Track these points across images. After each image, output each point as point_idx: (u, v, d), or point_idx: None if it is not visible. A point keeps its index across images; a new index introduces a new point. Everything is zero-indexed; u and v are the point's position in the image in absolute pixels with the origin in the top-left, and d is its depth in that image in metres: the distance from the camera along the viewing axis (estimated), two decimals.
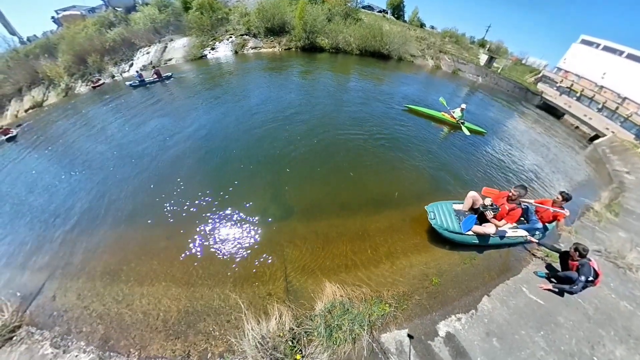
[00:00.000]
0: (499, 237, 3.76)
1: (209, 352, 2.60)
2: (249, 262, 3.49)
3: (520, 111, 14.19)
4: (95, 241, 4.11)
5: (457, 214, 3.95)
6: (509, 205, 3.44)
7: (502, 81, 18.78)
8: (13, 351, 2.73)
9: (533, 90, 18.25)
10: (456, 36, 24.45)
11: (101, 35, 15.41)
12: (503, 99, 15.51)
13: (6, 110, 12.83)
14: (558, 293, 3.23)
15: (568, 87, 18.82)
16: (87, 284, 3.46)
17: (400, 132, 7.30)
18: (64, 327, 2.96)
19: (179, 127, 7.40)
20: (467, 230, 3.62)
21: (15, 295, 3.36)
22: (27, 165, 7.44)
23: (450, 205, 4.13)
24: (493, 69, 20.70)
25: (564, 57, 24.06)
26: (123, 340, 2.77)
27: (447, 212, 3.96)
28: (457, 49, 22.25)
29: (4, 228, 4.97)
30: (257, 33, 16.81)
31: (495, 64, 21.61)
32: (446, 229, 3.70)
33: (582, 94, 17.66)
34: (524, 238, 3.85)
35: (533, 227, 3.92)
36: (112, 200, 4.95)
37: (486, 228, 3.56)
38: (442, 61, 19.84)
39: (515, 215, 3.45)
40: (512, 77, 19.62)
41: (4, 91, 13.19)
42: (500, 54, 24.73)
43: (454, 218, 3.87)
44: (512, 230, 3.93)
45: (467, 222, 3.63)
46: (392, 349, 2.56)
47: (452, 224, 3.77)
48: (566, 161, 8.66)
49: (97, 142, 7.65)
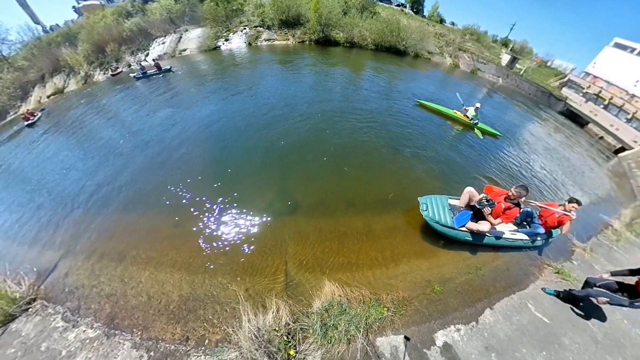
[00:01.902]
0: (495, 237, 3.63)
1: (206, 339, 2.68)
2: (251, 254, 3.54)
3: (540, 116, 13.49)
4: (107, 224, 4.28)
5: (452, 209, 3.85)
6: (505, 204, 3.30)
7: (524, 84, 17.87)
8: (28, 322, 2.92)
9: (557, 95, 17.28)
10: (477, 34, 23.33)
11: (119, 24, 15.79)
12: (523, 103, 14.79)
13: (30, 96, 13.45)
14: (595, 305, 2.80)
15: (595, 93, 17.67)
16: (97, 264, 3.62)
17: (414, 131, 7.11)
18: (74, 303, 3.13)
19: (190, 117, 7.51)
20: (461, 225, 3.52)
21: (32, 271, 3.57)
22: (46, 148, 7.81)
23: (446, 199, 4.02)
24: (515, 70, 19.69)
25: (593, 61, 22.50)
26: (127, 320, 2.90)
27: (441, 206, 3.87)
28: (478, 48, 21.27)
29: (24, 207, 5.27)
30: (271, 25, 16.64)
31: (518, 65, 20.55)
32: (437, 222, 3.61)
33: (610, 102, 16.56)
34: (524, 242, 3.70)
35: (535, 232, 3.77)
36: (123, 185, 5.12)
37: (480, 226, 3.44)
38: (460, 60, 19.05)
39: (511, 215, 3.29)
40: (535, 80, 18.61)
41: (28, 78, 13.84)
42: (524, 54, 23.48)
43: (448, 212, 3.77)
44: (511, 233, 3.78)
45: (461, 218, 3.53)
46: (386, 353, 2.55)
47: (444, 217, 3.68)
48: (585, 173, 8.19)
49: (111, 128, 7.90)
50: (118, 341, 2.69)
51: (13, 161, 7.69)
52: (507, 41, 26.89)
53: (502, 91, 16.15)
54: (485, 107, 9.14)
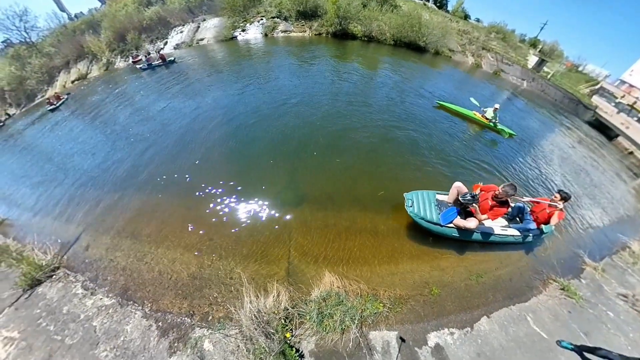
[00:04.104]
0: (485, 233, 3.59)
1: (210, 315, 2.86)
2: (257, 240, 3.69)
3: (565, 125, 12.76)
4: (124, 203, 4.57)
5: (440, 204, 3.82)
6: (492, 202, 3.24)
7: (551, 89, 16.84)
8: (52, 287, 3.22)
9: (586, 104, 16.19)
10: (504, 32, 21.99)
11: (139, 13, 16.06)
12: (547, 109, 14.02)
13: (56, 81, 14.14)
14: None
15: (630, 104, 16.41)
16: (114, 239, 3.90)
17: (429, 130, 6.95)
18: (93, 274, 3.41)
19: (206, 106, 7.69)
20: (447, 222, 3.48)
21: (56, 242, 3.90)
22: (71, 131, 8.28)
23: (434, 195, 3.98)
24: (542, 73, 18.56)
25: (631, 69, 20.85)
26: (139, 292, 3.14)
27: (428, 202, 3.83)
28: (503, 47, 20.15)
29: (51, 183, 5.68)
30: (288, 16, 16.43)
31: (546, 69, 19.34)
32: (422, 218, 3.58)
33: None
34: (515, 238, 3.65)
35: (526, 228, 3.71)
36: (141, 169, 5.39)
37: (468, 222, 3.39)
38: (483, 59, 18.15)
39: (497, 213, 3.24)
40: (563, 85, 17.49)
41: (54, 63, 14.46)
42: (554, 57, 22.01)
43: (434, 208, 3.74)
44: (502, 229, 3.71)
45: (448, 214, 3.49)
46: (378, 347, 2.63)
47: (430, 213, 3.65)
48: (609, 189, 7.70)
49: (129, 113, 8.24)
50: (130, 310, 2.93)
51: (40, 142, 8.22)
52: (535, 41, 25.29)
53: (525, 95, 15.35)
54: (504, 112, 8.79)
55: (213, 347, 2.56)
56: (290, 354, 2.35)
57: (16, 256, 3.49)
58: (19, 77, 13.57)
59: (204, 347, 2.57)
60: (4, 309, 2.98)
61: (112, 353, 2.56)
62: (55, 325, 2.80)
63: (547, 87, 17.01)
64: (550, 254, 4.19)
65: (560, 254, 4.22)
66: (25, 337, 2.71)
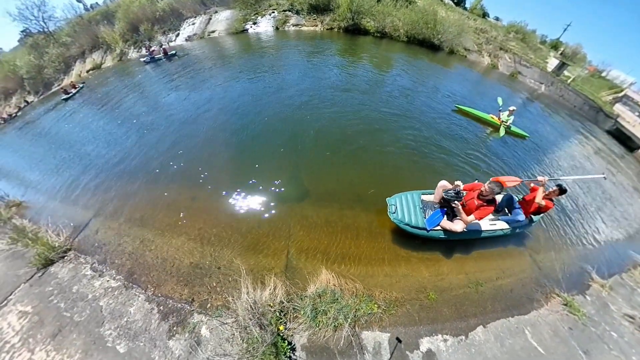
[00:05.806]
0: (472, 230, 3.53)
1: (208, 303, 2.97)
2: (258, 234, 3.76)
3: (583, 133, 12.22)
4: (134, 191, 4.75)
5: (425, 206, 3.71)
6: (478, 201, 3.13)
7: (570, 94, 16.09)
8: (64, 267, 3.41)
9: (607, 112, 15.38)
10: (523, 32, 21.02)
11: (152, 4, 16.22)
12: (565, 116, 13.46)
13: (72, 70, 14.58)
14: None
15: None
16: (123, 225, 4.07)
17: (441, 132, 6.80)
18: (101, 257, 3.58)
19: (213, 99, 7.79)
20: (433, 226, 3.40)
21: (69, 225, 4.09)
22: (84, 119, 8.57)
23: (418, 195, 3.81)
24: (562, 77, 17.73)
25: None
26: (144, 277, 3.28)
27: (412, 205, 3.68)
28: (522, 48, 19.30)
29: (66, 168, 5.94)
30: (300, 9, 16.25)
31: (567, 72, 18.44)
32: (407, 224, 3.48)
33: None
34: (503, 231, 3.58)
35: (515, 219, 3.64)
36: (151, 158, 5.56)
37: (454, 225, 3.31)
38: (500, 60, 17.47)
39: (484, 212, 3.14)
40: (584, 91, 16.65)
41: (70, 53, 14.89)
42: (576, 60, 20.94)
43: (419, 212, 3.63)
44: (491, 223, 3.62)
45: (433, 218, 3.40)
46: (369, 347, 2.66)
47: (415, 218, 3.53)
48: (624, 204, 7.27)
49: (140, 104, 8.45)
50: (134, 293, 3.08)
51: (57, 129, 8.55)
52: (557, 43, 24.09)
53: (542, 100, 14.75)
54: (519, 115, 8.53)
55: (210, 334, 2.67)
56: (282, 346, 2.42)
57: (32, 237, 3.69)
58: (37, 65, 14.03)
59: (201, 332, 2.68)
60: (20, 284, 3.19)
61: (116, 332, 2.70)
62: (65, 303, 2.97)
63: (566, 92, 16.26)
64: (555, 267, 4.07)
65: (566, 268, 4.09)
66: (37, 312, 2.89)
